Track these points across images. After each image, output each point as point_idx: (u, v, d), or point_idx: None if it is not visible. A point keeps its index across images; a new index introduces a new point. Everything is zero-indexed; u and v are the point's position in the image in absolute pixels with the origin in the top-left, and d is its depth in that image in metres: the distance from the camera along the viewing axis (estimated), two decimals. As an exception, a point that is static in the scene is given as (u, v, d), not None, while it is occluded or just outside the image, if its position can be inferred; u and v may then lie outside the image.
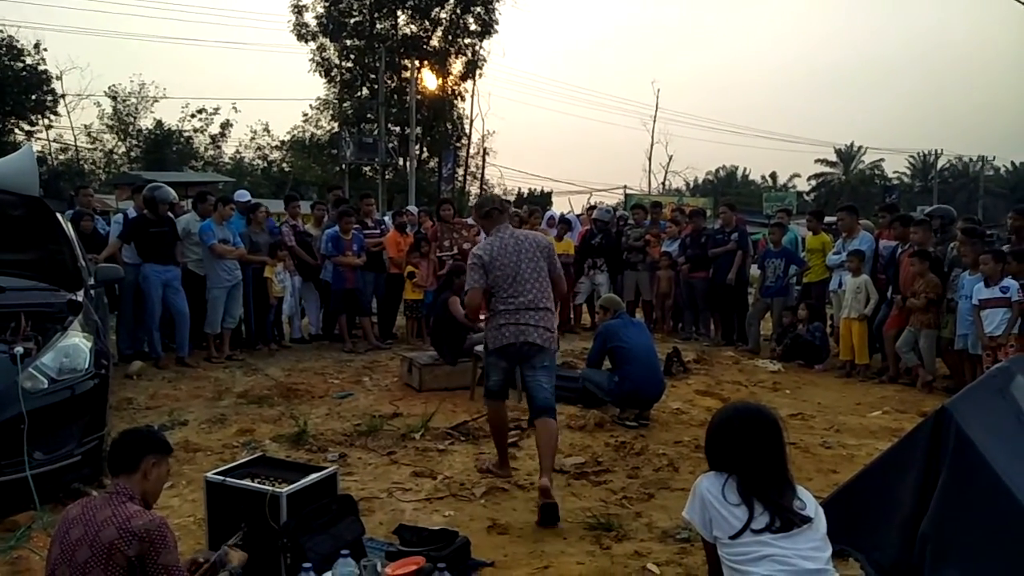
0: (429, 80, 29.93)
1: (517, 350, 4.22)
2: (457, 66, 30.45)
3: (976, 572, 2.99)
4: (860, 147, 51.41)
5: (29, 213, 4.67)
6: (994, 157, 52.23)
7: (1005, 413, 3.30)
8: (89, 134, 33.55)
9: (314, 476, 3.26)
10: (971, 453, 3.11)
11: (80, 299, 4.60)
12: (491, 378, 4.42)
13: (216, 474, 3.28)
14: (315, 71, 29.91)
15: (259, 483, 3.18)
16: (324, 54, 29.82)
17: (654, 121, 38.03)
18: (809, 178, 53.82)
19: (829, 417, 6.06)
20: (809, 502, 2.32)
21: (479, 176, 33.92)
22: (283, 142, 34.87)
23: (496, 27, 29.67)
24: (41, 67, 28.47)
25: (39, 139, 30.15)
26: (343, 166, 28.84)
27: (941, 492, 3.14)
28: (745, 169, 61.31)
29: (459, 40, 29.91)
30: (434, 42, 29.98)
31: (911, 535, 3.16)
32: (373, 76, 29.11)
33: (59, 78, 29.46)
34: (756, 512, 2.22)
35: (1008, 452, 3.14)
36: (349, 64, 30.46)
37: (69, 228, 5.25)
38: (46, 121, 30.30)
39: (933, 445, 3.23)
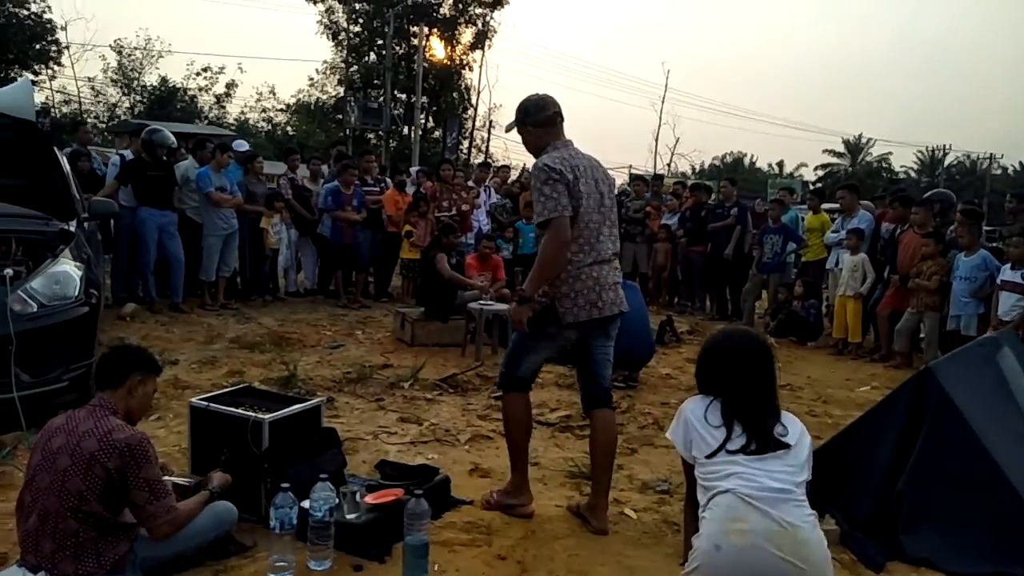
0: (437, 48, 29.60)
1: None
2: (467, 35, 30.08)
3: (950, 529, 3.02)
4: (869, 139, 51.12)
5: (22, 137, 4.64)
6: (1002, 156, 51.78)
7: (988, 378, 3.31)
8: (92, 87, 33.26)
9: (298, 407, 3.28)
10: (951, 413, 3.13)
11: (72, 229, 4.58)
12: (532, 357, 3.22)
13: (201, 400, 3.30)
14: (323, 33, 29.63)
15: (243, 411, 3.19)
16: (332, 16, 29.48)
17: (662, 102, 37.46)
18: (816, 168, 53.51)
19: (818, 389, 6.08)
20: (793, 429, 2.31)
21: (484, 149, 33.73)
22: (288, 105, 34.61)
23: (508, -2, 29.34)
24: (46, 16, 28.15)
25: (43, 89, 29.89)
26: (347, 131, 28.65)
27: (920, 450, 3.16)
28: (752, 156, 60.86)
29: (470, 9, 29.55)
30: (444, 10, 29.59)
31: (888, 491, 3.19)
32: (381, 41, 28.80)
33: (64, 28, 29.15)
34: (734, 434, 2.27)
35: (987, 415, 3.16)
36: (357, 28, 30.12)
37: (63, 158, 5.21)
38: (50, 71, 30.03)
39: (915, 404, 3.25)
